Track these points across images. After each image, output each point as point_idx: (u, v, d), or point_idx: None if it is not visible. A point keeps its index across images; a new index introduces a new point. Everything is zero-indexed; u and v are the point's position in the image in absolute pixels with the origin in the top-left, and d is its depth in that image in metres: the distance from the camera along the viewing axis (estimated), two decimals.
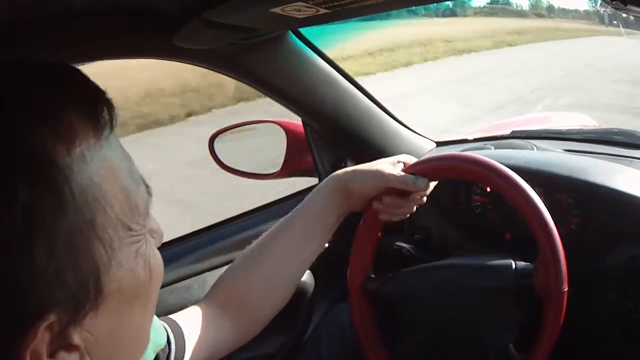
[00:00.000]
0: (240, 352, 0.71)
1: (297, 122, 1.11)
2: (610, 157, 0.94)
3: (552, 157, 0.96)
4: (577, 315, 0.74)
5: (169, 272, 0.92)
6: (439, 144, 1.20)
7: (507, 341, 0.71)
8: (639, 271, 0.77)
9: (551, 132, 1.16)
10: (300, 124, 1.11)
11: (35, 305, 0.31)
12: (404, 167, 0.77)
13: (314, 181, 1.15)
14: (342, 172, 0.77)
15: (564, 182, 0.85)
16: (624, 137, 1.06)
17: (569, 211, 0.84)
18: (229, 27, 0.68)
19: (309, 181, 1.16)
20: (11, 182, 0.30)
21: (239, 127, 1.21)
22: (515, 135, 1.14)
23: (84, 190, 0.33)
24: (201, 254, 0.99)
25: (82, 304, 0.33)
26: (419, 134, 1.18)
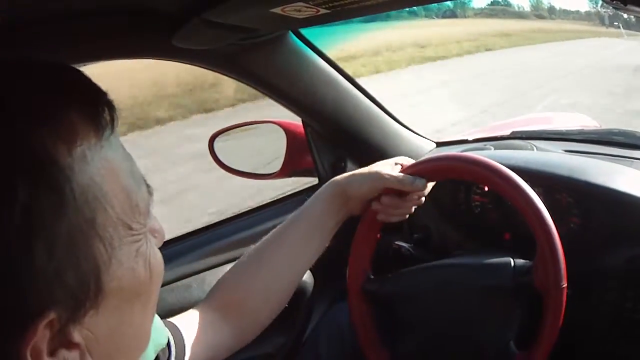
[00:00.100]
0: (239, 352, 0.71)
1: (297, 122, 1.11)
2: (610, 157, 0.94)
3: (552, 158, 0.96)
4: (577, 315, 0.74)
5: (168, 271, 0.92)
6: (439, 144, 1.20)
7: (507, 339, 0.71)
8: (639, 271, 0.77)
9: (551, 133, 1.16)
10: (300, 124, 1.11)
11: (35, 303, 0.31)
12: (402, 168, 0.77)
13: (314, 181, 1.15)
14: (340, 177, 0.78)
15: (564, 182, 0.85)
16: (624, 137, 1.06)
17: (569, 211, 0.84)
18: (229, 27, 0.68)
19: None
20: (11, 182, 0.30)
21: (239, 127, 1.21)
22: (515, 135, 1.14)
23: (85, 190, 0.33)
24: (201, 253, 0.99)
25: (82, 302, 0.33)
26: (419, 135, 1.18)
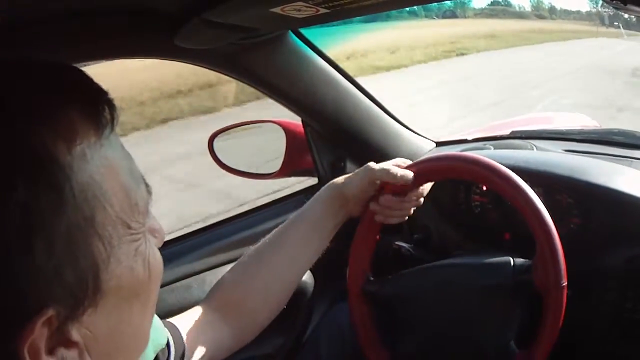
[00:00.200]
0: (239, 352, 0.71)
1: (297, 122, 1.11)
2: (610, 157, 0.94)
3: (552, 158, 0.96)
4: (577, 315, 0.74)
5: (168, 272, 0.92)
6: (439, 144, 1.20)
7: (507, 339, 0.71)
8: (638, 271, 0.77)
9: (551, 133, 1.16)
10: (300, 124, 1.11)
11: (33, 300, 0.31)
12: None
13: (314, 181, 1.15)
14: (338, 180, 0.78)
15: (564, 182, 0.85)
16: (624, 137, 1.05)
17: (569, 211, 0.84)
18: (229, 27, 0.68)
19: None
20: (11, 180, 0.30)
21: (239, 127, 1.21)
22: (515, 135, 1.14)
23: (84, 188, 0.33)
24: (201, 254, 0.99)
25: (80, 300, 0.33)
26: (418, 134, 1.18)
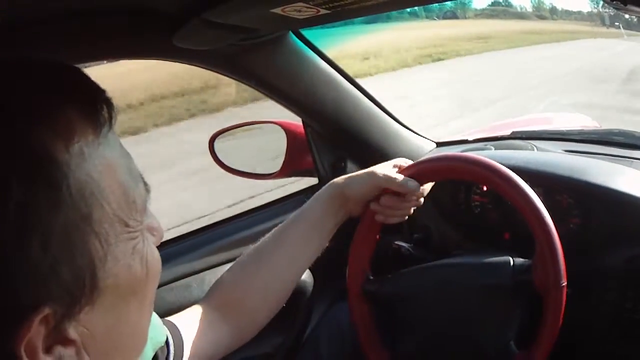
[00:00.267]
0: (239, 351, 0.71)
1: (297, 122, 1.11)
2: (610, 157, 0.94)
3: (553, 158, 0.96)
4: (577, 315, 0.74)
5: (168, 271, 0.92)
6: (439, 144, 1.20)
7: (507, 339, 0.71)
8: (638, 271, 0.77)
9: (551, 133, 1.16)
10: (300, 125, 1.11)
11: (29, 298, 0.31)
12: (400, 169, 0.77)
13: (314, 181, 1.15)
14: (339, 179, 0.78)
15: (564, 182, 0.85)
16: (624, 137, 1.05)
17: (569, 211, 0.84)
18: (229, 28, 0.68)
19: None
20: (8, 178, 0.30)
21: (240, 127, 1.21)
22: (515, 135, 1.14)
23: (82, 186, 0.33)
24: (200, 253, 0.99)
25: (77, 298, 0.33)
26: (419, 135, 1.18)
